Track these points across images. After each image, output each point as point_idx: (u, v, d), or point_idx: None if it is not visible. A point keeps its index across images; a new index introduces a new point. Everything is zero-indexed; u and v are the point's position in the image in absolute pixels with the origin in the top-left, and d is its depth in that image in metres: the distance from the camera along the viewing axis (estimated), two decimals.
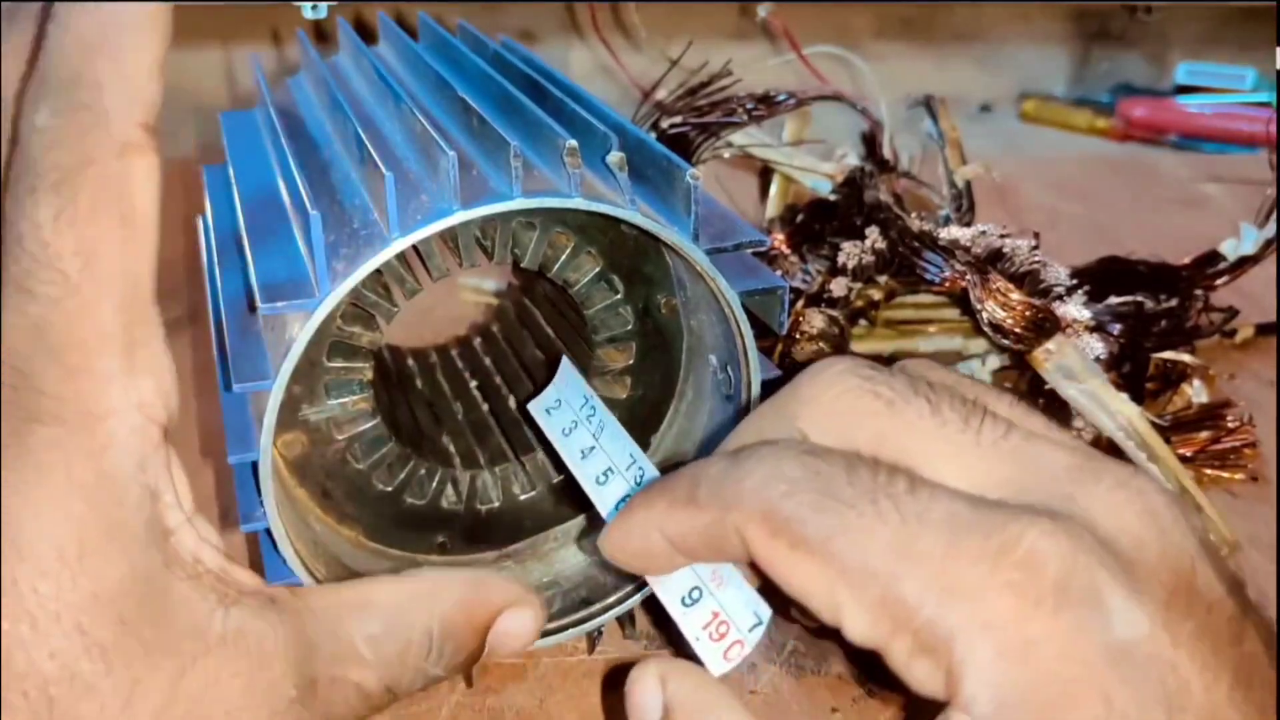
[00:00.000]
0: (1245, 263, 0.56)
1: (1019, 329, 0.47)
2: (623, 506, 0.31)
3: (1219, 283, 0.56)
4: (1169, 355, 0.51)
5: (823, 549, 0.26)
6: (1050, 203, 0.81)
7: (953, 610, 0.25)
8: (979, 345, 0.54)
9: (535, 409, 0.39)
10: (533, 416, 0.39)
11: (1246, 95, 0.97)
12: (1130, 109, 0.98)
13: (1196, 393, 0.52)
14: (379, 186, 0.31)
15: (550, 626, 0.39)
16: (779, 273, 0.54)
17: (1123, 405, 0.47)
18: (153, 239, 0.28)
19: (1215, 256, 0.56)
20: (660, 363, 0.41)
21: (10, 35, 0.28)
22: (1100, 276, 0.54)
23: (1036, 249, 0.50)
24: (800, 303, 0.51)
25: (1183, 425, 0.50)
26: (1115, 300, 0.52)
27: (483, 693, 0.38)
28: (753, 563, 0.28)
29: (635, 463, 0.35)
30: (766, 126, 0.60)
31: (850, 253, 0.52)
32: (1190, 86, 1.00)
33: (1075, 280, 0.50)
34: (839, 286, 0.51)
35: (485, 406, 0.47)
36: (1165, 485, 0.36)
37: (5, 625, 0.26)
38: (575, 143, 0.32)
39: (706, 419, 0.40)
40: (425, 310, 0.49)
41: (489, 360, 0.50)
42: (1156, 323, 0.52)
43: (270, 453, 0.32)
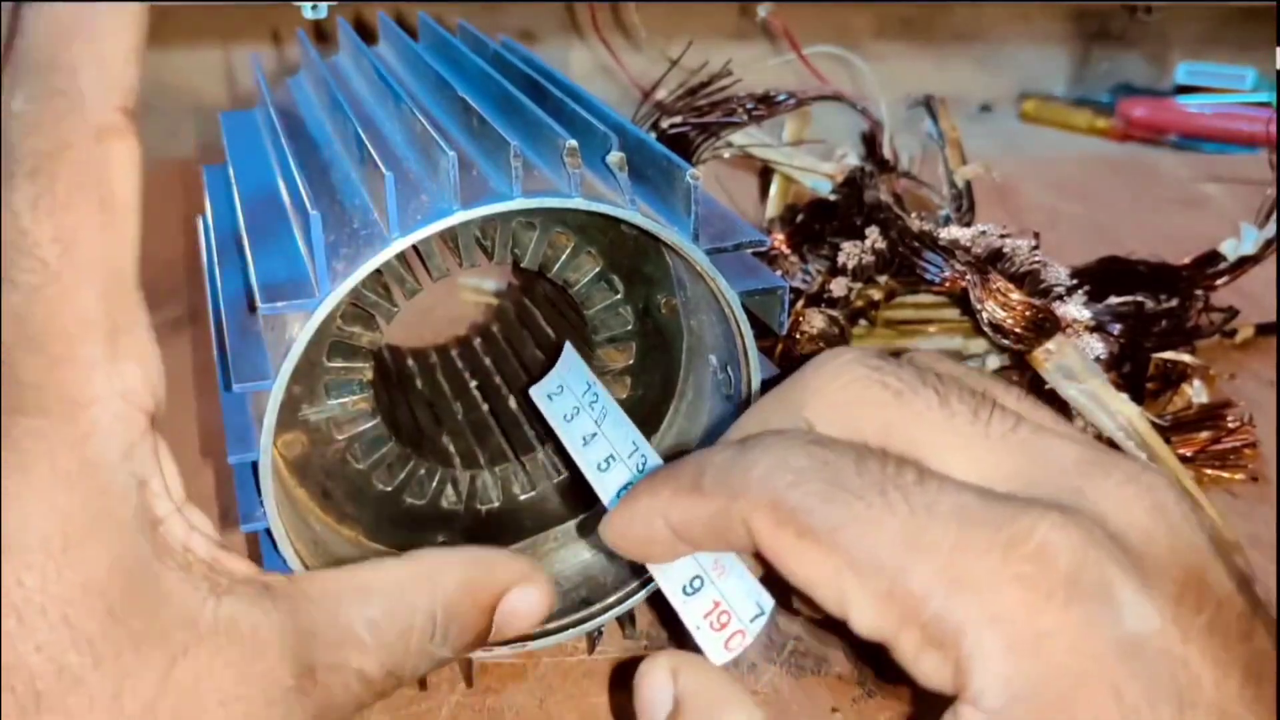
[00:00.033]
0: (1245, 263, 0.56)
1: (1019, 329, 0.47)
2: (625, 494, 0.31)
3: (1219, 283, 0.55)
4: (1169, 355, 0.51)
5: (830, 539, 0.26)
6: (1050, 203, 0.81)
7: (962, 603, 0.24)
8: (979, 345, 0.54)
9: (536, 394, 0.39)
10: (534, 402, 0.39)
11: (1246, 95, 0.97)
12: (1130, 109, 0.98)
13: (1197, 393, 0.52)
14: (379, 186, 0.31)
15: (550, 626, 0.39)
16: (779, 273, 0.54)
17: (1123, 405, 0.47)
18: (134, 223, 0.27)
19: (1215, 256, 0.56)
20: (660, 363, 0.41)
21: None
22: (1100, 276, 0.54)
23: (1036, 249, 0.50)
24: (800, 303, 0.51)
25: (1183, 425, 0.50)
26: (1115, 300, 0.52)
27: (483, 693, 0.38)
28: (756, 553, 0.28)
29: (638, 450, 0.34)
30: (766, 126, 0.60)
31: (850, 253, 0.52)
32: (1190, 86, 1.00)
33: (1075, 280, 0.50)
34: (839, 286, 0.51)
35: (485, 406, 0.47)
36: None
37: None
38: (575, 143, 0.32)
39: (706, 419, 0.40)
40: (425, 310, 0.49)
41: (489, 360, 0.50)
42: (1156, 323, 0.52)
43: (270, 453, 0.32)
